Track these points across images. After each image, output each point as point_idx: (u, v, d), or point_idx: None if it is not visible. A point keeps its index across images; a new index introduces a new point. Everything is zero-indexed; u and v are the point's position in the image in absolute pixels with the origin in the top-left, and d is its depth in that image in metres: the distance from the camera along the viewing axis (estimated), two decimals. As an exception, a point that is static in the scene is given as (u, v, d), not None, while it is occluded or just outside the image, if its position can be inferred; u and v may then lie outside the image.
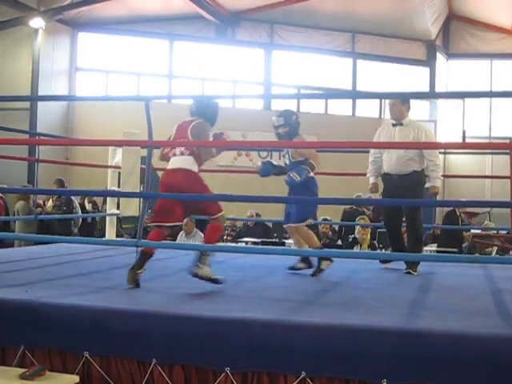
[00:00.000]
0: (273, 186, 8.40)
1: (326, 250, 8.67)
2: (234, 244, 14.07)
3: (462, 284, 6.78)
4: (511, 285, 6.64)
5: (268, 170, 7.60)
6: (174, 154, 6.19)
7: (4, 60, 21.83)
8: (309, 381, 4.12)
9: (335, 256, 7.31)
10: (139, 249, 5.96)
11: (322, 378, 4.13)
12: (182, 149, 6.18)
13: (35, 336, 4.68)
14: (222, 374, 4.27)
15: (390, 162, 7.69)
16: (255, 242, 14.32)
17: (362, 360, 4.05)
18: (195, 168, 6.14)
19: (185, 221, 12.84)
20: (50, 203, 14.40)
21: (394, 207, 7.85)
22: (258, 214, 16.46)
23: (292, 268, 7.32)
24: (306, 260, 7.31)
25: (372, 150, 8.08)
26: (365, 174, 8.31)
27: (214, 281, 5.84)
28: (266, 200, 7.34)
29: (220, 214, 6.09)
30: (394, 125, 7.71)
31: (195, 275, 5.80)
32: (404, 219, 7.92)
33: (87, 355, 4.54)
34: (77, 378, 4.35)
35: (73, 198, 14.40)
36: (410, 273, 7.42)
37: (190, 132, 6.23)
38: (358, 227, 11.95)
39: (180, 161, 6.14)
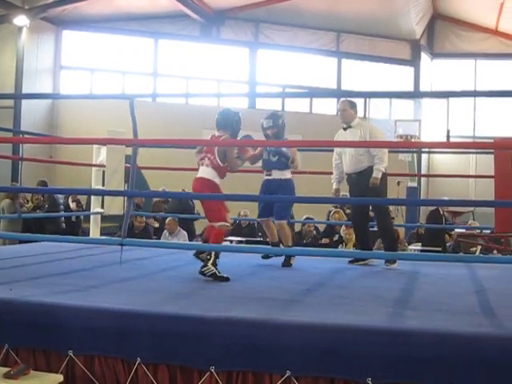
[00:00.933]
0: (254, 185, 8.47)
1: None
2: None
3: (447, 283, 6.79)
4: (495, 284, 6.68)
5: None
6: (202, 164, 6.87)
7: (-12, 58, 21.74)
8: (294, 380, 4.11)
9: (314, 255, 7.56)
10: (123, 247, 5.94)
11: (307, 377, 4.13)
12: (207, 161, 6.81)
13: (19, 335, 4.65)
14: (207, 373, 4.26)
15: (346, 162, 8.09)
16: (240, 240, 14.30)
17: (346, 359, 4.05)
18: (216, 179, 6.80)
19: (167, 220, 12.86)
20: (29, 204, 14.35)
21: (359, 205, 8.24)
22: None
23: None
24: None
25: (333, 157, 8.45)
26: None
27: (222, 278, 6.27)
28: (251, 199, 7.36)
29: (220, 224, 6.59)
30: (344, 128, 8.13)
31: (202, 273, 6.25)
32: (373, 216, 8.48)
33: (71, 354, 4.52)
34: (61, 377, 4.33)
35: (58, 196, 14.35)
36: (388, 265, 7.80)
37: (216, 150, 6.82)
38: (342, 226, 11.97)
39: (203, 170, 6.83)
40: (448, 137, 21.94)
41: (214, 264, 6.29)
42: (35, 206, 14.11)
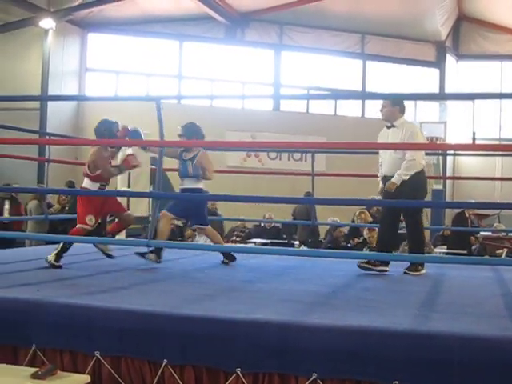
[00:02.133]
0: (280, 188, 8.45)
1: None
2: (243, 245, 14.04)
3: (473, 286, 6.76)
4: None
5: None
6: None
7: (15, 60, 21.91)
8: (320, 382, 4.10)
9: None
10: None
11: (333, 379, 4.11)
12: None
13: (46, 336, 4.68)
14: (233, 375, 4.26)
15: (385, 163, 7.76)
16: (264, 242, 14.33)
17: (373, 362, 4.04)
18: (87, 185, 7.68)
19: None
20: (56, 205, 14.41)
21: (391, 209, 7.83)
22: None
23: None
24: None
25: (379, 155, 8.09)
26: (373, 176, 8.37)
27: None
28: (274, 201, 7.37)
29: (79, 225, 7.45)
30: (388, 127, 7.74)
31: None
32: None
33: (98, 355, 4.54)
34: (88, 378, 4.34)
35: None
36: (407, 273, 7.45)
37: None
38: (366, 228, 11.95)
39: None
40: (474, 139, 21.87)
41: (58, 255, 7.12)
42: (62, 207, 14.17)
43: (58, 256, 7.15)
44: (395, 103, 7.66)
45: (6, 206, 14.91)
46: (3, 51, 22.00)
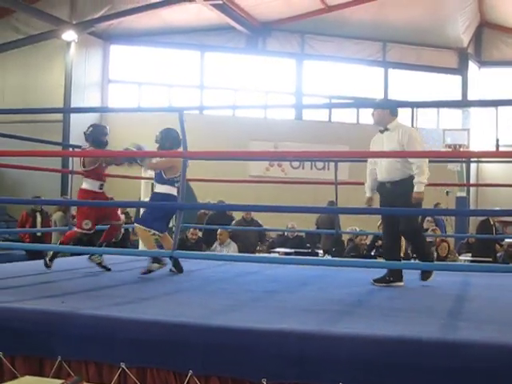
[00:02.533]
0: (303, 197, 8.41)
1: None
2: (266, 254, 14.00)
3: (499, 294, 6.71)
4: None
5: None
6: None
7: (37, 73, 22.07)
8: (345, 392, 4.09)
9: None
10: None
11: (359, 389, 4.10)
12: None
13: (72, 347, 4.68)
14: (259, 386, 4.25)
15: (381, 169, 7.36)
16: (288, 252, 14.28)
17: (400, 371, 4.01)
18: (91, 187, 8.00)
19: (219, 231, 12.87)
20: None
21: (390, 217, 7.45)
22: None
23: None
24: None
25: (368, 162, 7.78)
26: None
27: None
28: (297, 210, 7.34)
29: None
30: (381, 131, 7.47)
31: None
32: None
33: (123, 366, 4.54)
34: (114, 390, 4.35)
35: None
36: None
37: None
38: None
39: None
40: (497, 146, 21.74)
41: (51, 259, 7.64)
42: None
43: (52, 259, 7.68)
44: (391, 111, 7.42)
45: (39, 218, 14.98)
46: (26, 64, 22.17)
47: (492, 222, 14.57)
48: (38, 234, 14.38)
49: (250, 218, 14.75)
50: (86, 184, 7.89)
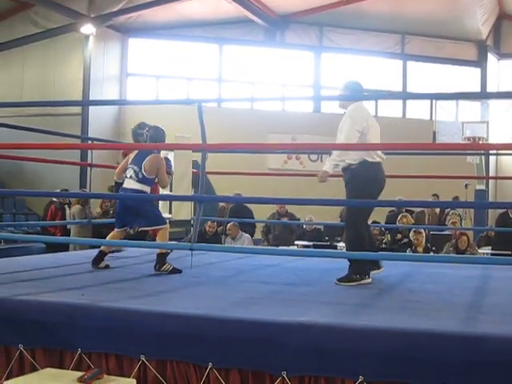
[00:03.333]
0: (322, 190, 8.36)
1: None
2: (285, 247, 13.99)
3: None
4: None
5: None
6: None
7: (56, 66, 22.14)
8: (366, 385, 4.08)
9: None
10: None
11: (380, 382, 4.08)
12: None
13: (92, 340, 4.70)
14: (279, 378, 4.24)
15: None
16: (306, 245, 14.27)
17: (421, 364, 4.00)
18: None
19: (228, 225, 12.89)
20: (98, 210, 14.46)
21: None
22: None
23: None
24: None
25: None
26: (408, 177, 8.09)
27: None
28: (315, 203, 7.29)
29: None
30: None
31: None
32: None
33: (143, 359, 4.54)
34: (134, 382, 4.36)
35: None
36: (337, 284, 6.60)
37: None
38: (412, 230, 11.89)
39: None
40: (516, 138, 21.62)
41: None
42: (104, 211, 14.24)
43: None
44: (346, 89, 7.22)
45: (68, 211, 15.00)
46: (45, 57, 22.24)
47: (511, 215, 14.49)
48: (68, 226, 14.38)
49: (285, 210, 14.79)
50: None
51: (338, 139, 6.85)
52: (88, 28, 21.26)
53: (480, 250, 13.23)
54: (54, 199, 15.01)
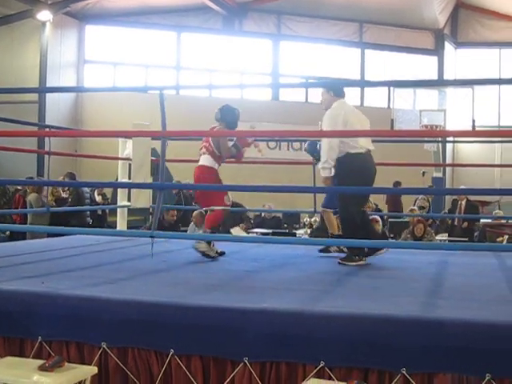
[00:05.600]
0: (280, 178, 8.44)
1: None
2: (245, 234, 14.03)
3: (475, 272, 6.75)
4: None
5: (313, 148, 8.02)
6: (200, 154, 7.54)
7: (12, 53, 21.93)
8: (328, 370, 4.10)
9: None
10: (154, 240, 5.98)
11: (341, 367, 4.11)
12: (204, 149, 7.51)
13: (52, 328, 4.68)
14: (241, 364, 4.27)
15: None
16: (266, 232, 14.32)
17: (380, 349, 4.04)
18: (213, 165, 7.47)
19: (194, 213, 12.89)
20: (50, 197, 14.35)
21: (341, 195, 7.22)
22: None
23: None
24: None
25: None
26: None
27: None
28: (274, 190, 7.37)
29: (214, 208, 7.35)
30: None
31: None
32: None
33: (105, 346, 4.54)
34: (95, 369, 4.35)
35: (83, 190, 14.43)
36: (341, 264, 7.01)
37: (211, 139, 7.52)
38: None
39: (201, 158, 7.53)
40: (473, 126, 21.82)
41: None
42: (56, 199, 14.14)
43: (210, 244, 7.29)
44: (330, 89, 7.31)
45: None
46: (1, 44, 22.06)
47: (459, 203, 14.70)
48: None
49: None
50: (209, 162, 7.52)
51: (322, 141, 7.16)
52: (45, 15, 21.08)
53: (437, 237, 13.39)
54: (19, 187, 14.89)
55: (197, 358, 4.40)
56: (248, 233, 14.64)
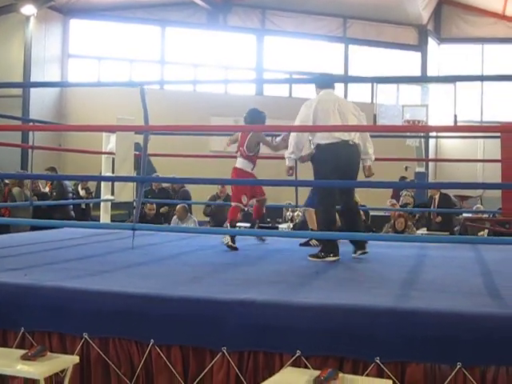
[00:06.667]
0: (264, 172, 8.58)
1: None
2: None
3: (453, 265, 6.83)
4: (501, 266, 6.73)
5: None
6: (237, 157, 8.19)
7: (-4, 48, 21.85)
8: (304, 359, 4.19)
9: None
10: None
11: (316, 356, 4.20)
12: (239, 152, 8.15)
13: (35, 319, 4.74)
14: (219, 354, 4.35)
15: None
16: (249, 226, 14.38)
17: (355, 339, 4.13)
18: (246, 167, 8.08)
19: (177, 207, 12.96)
20: (28, 192, 14.32)
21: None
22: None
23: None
24: None
25: None
26: None
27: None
28: (256, 183, 7.50)
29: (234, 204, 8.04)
30: None
31: None
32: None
33: (86, 337, 4.61)
34: (77, 359, 4.42)
35: (67, 184, 14.46)
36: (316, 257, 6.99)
37: (247, 141, 8.06)
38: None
39: (237, 161, 8.18)
40: (455, 122, 21.96)
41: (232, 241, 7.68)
42: (35, 194, 14.12)
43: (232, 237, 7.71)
44: (316, 84, 7.68)
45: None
46: (-16, 38, 21.96)
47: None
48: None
49: (226, 194, 14.87)
50: (242, 164, 8.10)
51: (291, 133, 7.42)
52: (29, 9, 21.01)
53: (418, 231, 13.47)
54: (7, 181, 14.87)
55: (176, 348, 4.48)
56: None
